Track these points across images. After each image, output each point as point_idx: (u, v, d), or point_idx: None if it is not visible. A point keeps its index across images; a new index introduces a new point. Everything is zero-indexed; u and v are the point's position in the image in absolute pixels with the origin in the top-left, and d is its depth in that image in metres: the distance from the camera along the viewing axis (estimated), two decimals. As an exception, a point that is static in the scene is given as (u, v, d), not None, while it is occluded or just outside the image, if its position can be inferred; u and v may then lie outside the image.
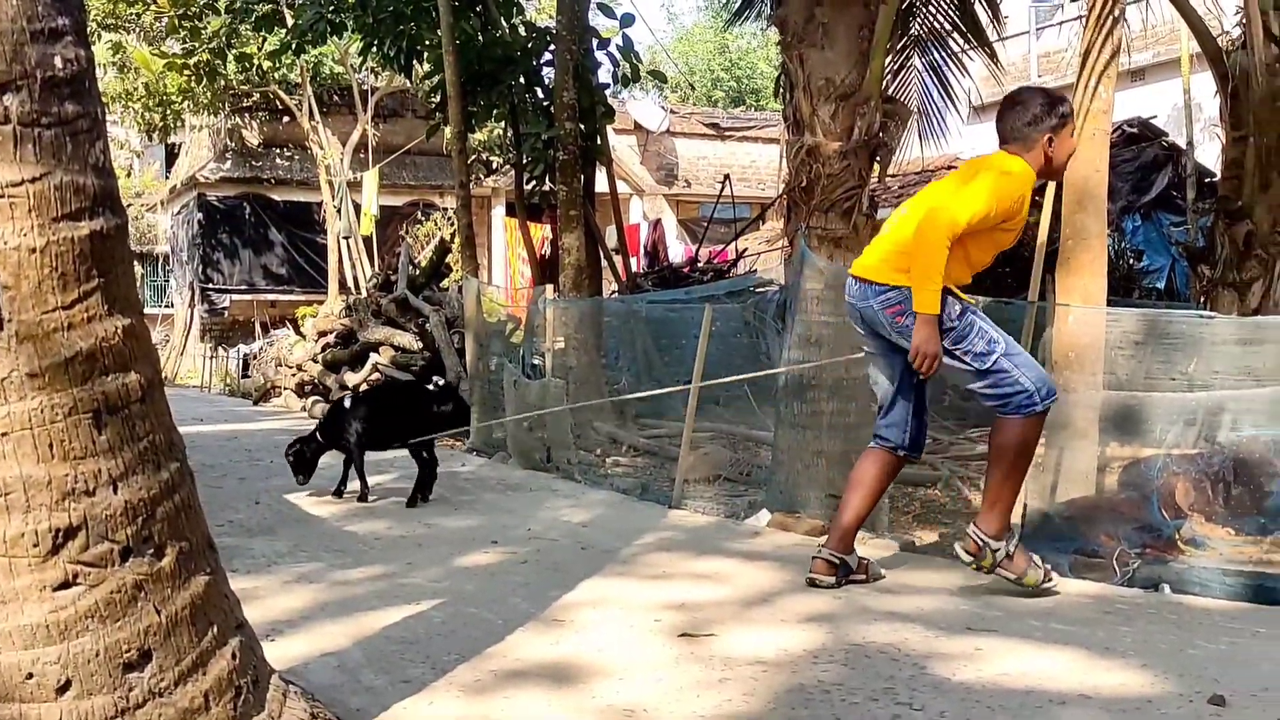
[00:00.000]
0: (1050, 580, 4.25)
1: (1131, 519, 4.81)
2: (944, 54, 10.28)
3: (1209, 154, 13.91)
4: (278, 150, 28.42)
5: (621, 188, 24.26)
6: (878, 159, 5.77)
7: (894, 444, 4.38)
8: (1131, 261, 13.13)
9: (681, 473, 6.62)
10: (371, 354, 13.44)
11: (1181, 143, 14.06)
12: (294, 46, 13.36)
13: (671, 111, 28.45)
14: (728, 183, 15.91)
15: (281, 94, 25.46)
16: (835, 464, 5.76)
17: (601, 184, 12.22)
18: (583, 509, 6.27)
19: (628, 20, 11.03)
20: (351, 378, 13.42)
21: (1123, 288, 10.58)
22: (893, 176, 17.51)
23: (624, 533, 5.53)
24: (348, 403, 6.85)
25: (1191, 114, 13.58)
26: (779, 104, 6.34)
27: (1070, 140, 4.28)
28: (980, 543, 4.15)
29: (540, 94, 11.27)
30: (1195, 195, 12.26)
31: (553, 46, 10.47)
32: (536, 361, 9.12)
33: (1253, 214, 6.67)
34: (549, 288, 9.32)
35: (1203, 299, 7.07)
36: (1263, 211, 6.66)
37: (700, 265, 15.13)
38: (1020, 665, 3.38)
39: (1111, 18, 5.61)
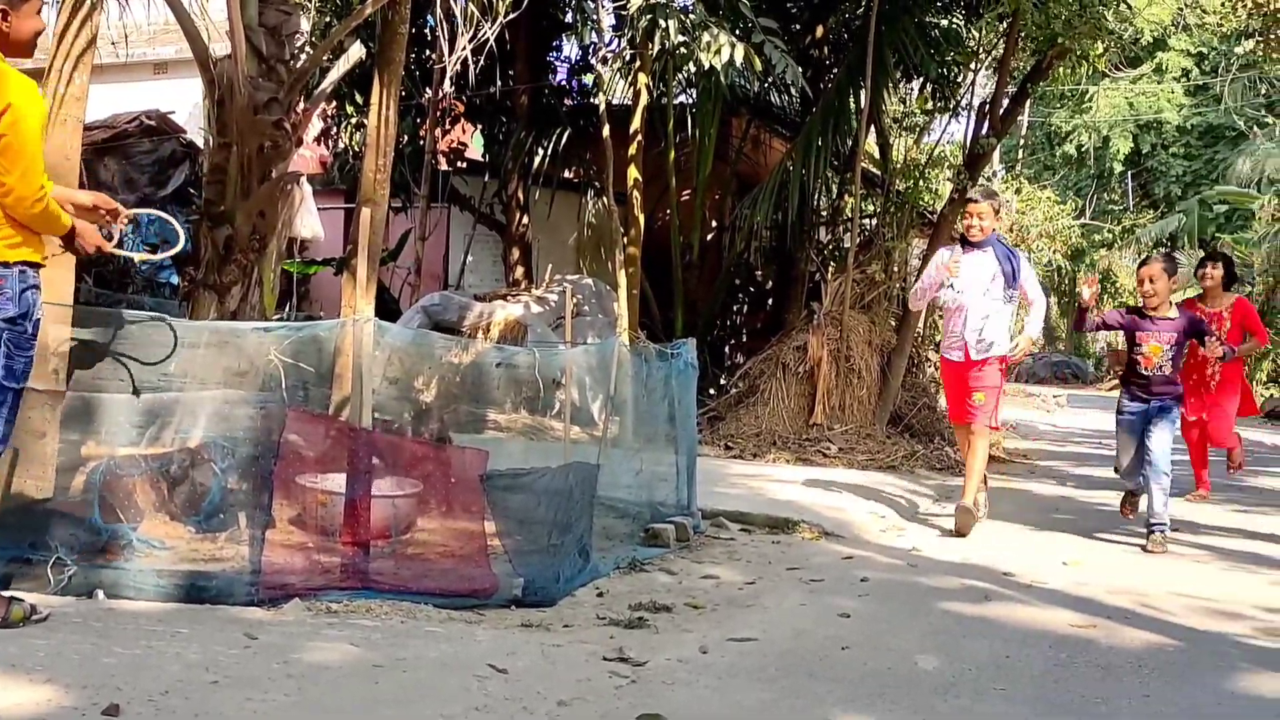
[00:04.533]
0: (38, 612, 3.93)
1: (77, 523, 4.64)
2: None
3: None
4: None
5: None
6: None
7: None
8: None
9: None
10: None
11: (200, 141, 14.36)
12: None
13: None
14: None
15: None
16: None
17: None
18: None
19: None
20: None
21: (118, 282, 10.36)
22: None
23: None
24: None
25: (210, 114, 13.90)
26: None
27: (34, 19, 4.06)
28: None
29: None
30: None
31: None
32: None
33: (234, 220, 6.95)
34: None
35: (185, 300, 7.21)
36: (243, 218, 6.97)
37: None
38: (-99, 700, 3.03)
39: (89, 2, 5.42)
